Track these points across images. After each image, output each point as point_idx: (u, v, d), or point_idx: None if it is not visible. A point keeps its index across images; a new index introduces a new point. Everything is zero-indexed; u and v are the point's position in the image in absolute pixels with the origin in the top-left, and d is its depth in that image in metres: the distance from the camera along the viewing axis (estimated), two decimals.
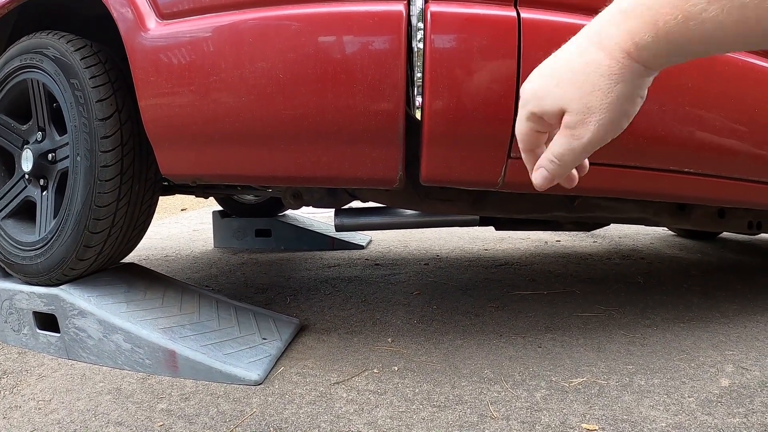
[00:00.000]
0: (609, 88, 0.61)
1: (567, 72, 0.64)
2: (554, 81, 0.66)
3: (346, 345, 2.10)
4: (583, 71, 0.62)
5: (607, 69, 0.60)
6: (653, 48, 0.57)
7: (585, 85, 0.62)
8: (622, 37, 0.59)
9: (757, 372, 1.78)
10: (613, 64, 0.60)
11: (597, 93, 0.61)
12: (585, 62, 0.62)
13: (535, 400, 1.62)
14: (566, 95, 0.64)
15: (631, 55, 0.59)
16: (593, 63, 0.61)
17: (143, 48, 1.77)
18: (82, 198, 1.91)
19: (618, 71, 0.60)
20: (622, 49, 0.59)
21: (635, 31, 0.57)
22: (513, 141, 1.56)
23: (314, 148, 1.65)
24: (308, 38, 1.56)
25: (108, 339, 1.89)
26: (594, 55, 0.61)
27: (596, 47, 0.61)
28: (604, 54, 0.60)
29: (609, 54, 0.60)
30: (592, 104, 0.62)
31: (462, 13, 1.49)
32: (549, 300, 2.66)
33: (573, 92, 0.63)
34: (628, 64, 0.59)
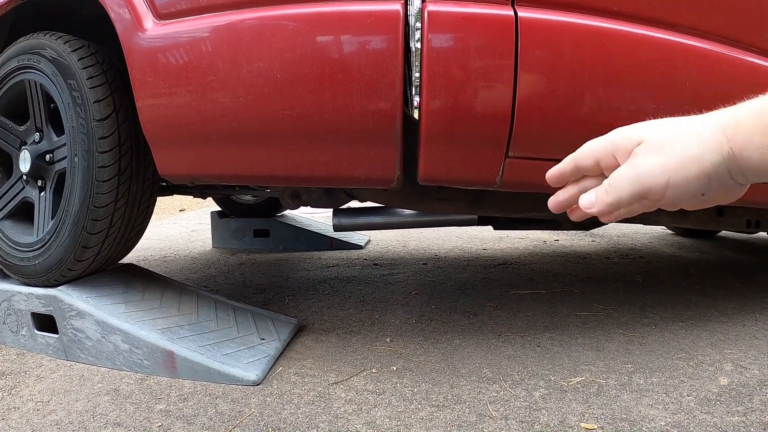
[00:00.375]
0: (689, 146, 0.60)
1: (663, 124, 0.65)
2: (647, 125, 0.66)
3: (344, 345, 2.10)
4: (678, 127, 0.62)
5: (697, 131, 0.60)
6: (751, 140, 0.57)
7: (670, 131, 0.62)
8: (725, 115, 0.59)
9: (756, 370, 1.78)
10: (705, 129, 0.60)
11: (678, 143, 0.61)
12: (685, 123, 0.63)
13: (533, 400, 1.62)
14: (651, 131, 0.64)
15: (726, 131, 0.58)
16: (690, 121, 0.62)
17: (140, 48, 1.77)
18: (80, 199, 1.91)
19: (706, 136, 0.60)
20: (719, 121, 0.59)
21: (740, 115, 0.58)
22: (511, 140, 1.56)
23: (312, 147, 1.65)
24: (305, 38, 1.56)
25: (106, 340, 1.88)
26: (694, 122, 0.62)
27: (700, 115, 0.62)
28: (702, 120, 0.61)
29: (705, 121, 0.61)
30: (668, 147, 0.61)
31: (459, 12, 1.49)
32: (548, 299, 2.66)
33: (659, 134, 0.63)
34: (718, 137, 0.59)
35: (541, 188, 1.73)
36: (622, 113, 1.56)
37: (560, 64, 1.52)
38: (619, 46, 1.55)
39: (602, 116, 1.55)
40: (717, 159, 0.59)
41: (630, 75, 1.56)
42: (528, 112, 1.53)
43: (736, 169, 0.59)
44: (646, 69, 1.56)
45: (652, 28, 1.57)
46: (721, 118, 0.59)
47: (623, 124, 1.56)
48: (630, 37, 1.55)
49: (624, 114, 1.56)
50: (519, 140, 1.56)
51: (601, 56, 1.54)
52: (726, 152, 0.58)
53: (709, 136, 0.59)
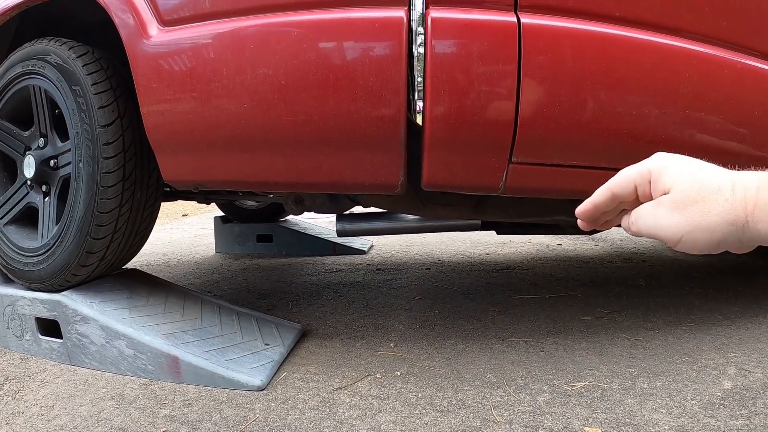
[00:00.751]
0: (709, 212, 0.62)
1: (695, 172, 0.66)
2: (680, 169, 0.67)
3: (348, 350, 2.10)
4: (707, 183, 0.64)
5: (723, 200, 0.62)
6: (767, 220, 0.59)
7: (698, 193, 0.64)
8: (752, 184, 0.61)
9: (759, 374, 1.78)
10: (729, 199, 0.61)
11: (700, 205, 0.63)
12: (715, 179, 0.63)
13: (537, 404, 1.62)
14: (680, 184, 0.65)
15: (747, 203, 0.60)
16: (719, 185, 0.63)
17: (145, 54, 1.78)
18: (85, 204, 1.91)
19: (726, 207, 0.61)
20: (745, 190, 0.61)
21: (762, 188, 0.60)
22: (514, 145, 1.56)
23: (316, 153, 1.66)
24: (310, 44, 1.57)
25: (111, 345, 1.89)
26: (723, 178, 0.63)
27: (729, 175, 0.63)
28: (732, 185, 0.62)
29: (735, 187, 0.61)
30: (689, 207, 0.64)
31: (462, 18, 1.50)
32: (551, 304, 2.66)
33: (686, 188, 0.65)
34: (737, 209, 0.61)
35: (545, 193, 1.74)
36: (624, 118, 1.56)
37: (563, 69, 1.52)
38: (621, 51, 1.55)
39: (605, 121, 1.56)
40: (730, 229, 0.61)
41: (632, 80, 1.56)
42: (531, 118, 1.53)
43: (748, 237, 0.61)
44: (648, 74, 1.56)
45: (653, 33, 1.57)
46: (747, 187, 0.61)
47: (626, 128, 1.56)
48: (632, 42, 1.56)
49: (627, 119, 1.56)
50: (522, 146, 1.56)
51: (604, 61, 1.54)
52: (741, 223, 0.61)
53: (728, 207, 0.61)
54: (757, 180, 0.61)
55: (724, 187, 0.62)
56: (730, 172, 0.64)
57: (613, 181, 0.74)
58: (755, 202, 0.59)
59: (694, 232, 0.63)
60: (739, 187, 0.61)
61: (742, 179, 0.62)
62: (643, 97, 1.57)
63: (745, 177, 0.62)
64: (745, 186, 0.61)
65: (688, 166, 0.67)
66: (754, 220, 0.59)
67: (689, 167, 0.67)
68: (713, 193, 0.62)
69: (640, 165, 0.72)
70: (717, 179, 0.63)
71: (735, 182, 0.62)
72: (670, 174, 0.67)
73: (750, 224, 0.60)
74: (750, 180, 0.61)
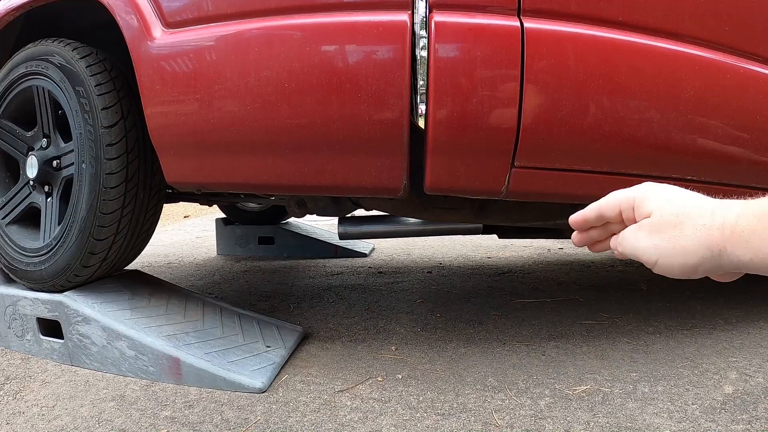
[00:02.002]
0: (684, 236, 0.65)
1: (677, 199, 0.68)
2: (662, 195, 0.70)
3: (349, 353, 2.10)
4: (687, 209, 0.66)
5: (700, 225, 0.64)
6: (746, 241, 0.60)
7: (676, 217, 0.66)
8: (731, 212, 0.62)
9: (760, 379, 1.78)
10: (707, 225, 0.64)
11: (676, 229, 0.66)
12: (696, 206, 0.66)
13: (539, 408, 1.62)
14: (660, 209, 0.68)
15: (725, 230, 0.62)
16: (699, 211, 0.65)
17: (149, 56, 1.78)
18: (87, 205, 1.91)
19: (703, 233, 0.64)
20: (724, 218, 0.62)
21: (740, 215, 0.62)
22: (517, 150, 1.56)
23: (319, 156, 1.66)
24: (313, 48, 1.57)
25: (112, 346, 1.89)
26: (704, 205, 0.65)
27: (711, 203, 0.66)
28: (712, 212, 0.64)
29: (714, 214, 0.64)
30: (666, 230, 0.67)
31: (465, 23, 1.50)
32: (552, 308, 2.66)
33: (665, 212, 0.68)
34: (714, 235, 0.63)
35: (547, 197, 1.74)
36: (627, 122, 1.56)
37: (566, 74, 1.52)
38: (624, 56, 1.55)
39: (607, 126, 1.56)
40: (706, 254, 0.64)
41: (634, 84, 1.56)
42: (534, 122, 1.53)
43: (727, 263, 0.63)
44: (650, 78, 1.56)
45: (656, 38, 1.57)
46: (726, 215, 0.63)
47: (628, 133, 1.57)
48: (634, 47, 1.56)
49: (629, 123, 1.56)
50: (525, 150, 1.56)
51: (606, 66, 1.54)
52: (718, 249, 0.63)
53: (706, 232, 0.63)
54: (739, 208, 0.62)
55: (703, 213, 0.65)
56: (713, 201, 0.66)
57: (602, 201, 0.78)
58: (733, 229, 0.61)
59: (670, 255, 0.66)
60: (719, 214, 0.63)
61: (723, 207, 0.64)
62: (646, 102, 1.57)
63: (726, 205, 0.64)
64: (724, 213, 0.63)
65: (672, 194, 0.70)
66: (732, 246, 0.61)
67: (673, 195, 0.70)
68: (691, 218, 0.65)
69: (627, 191, 0.75)
70: (698, 206, 0.66)
71: (715, 209, 0.64)
72: (652, 200, 0.70)
73: (728, 250, 0.62)
74: (731, 208, 0.63)
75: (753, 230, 0.60)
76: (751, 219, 0.60)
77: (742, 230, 0.60)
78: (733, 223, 0.61)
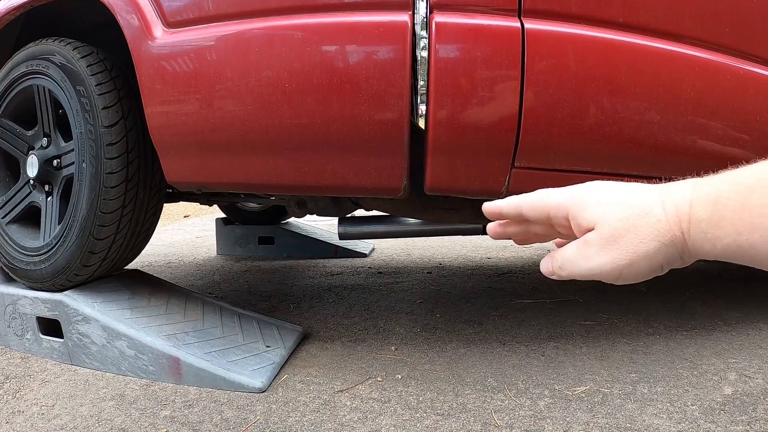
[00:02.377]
0: (644, 239, 0.59)
1: (619, 200, 0.62)
2: (602, 200, 0.64)
3: (349, 353, 2.10)
4: (633, 208, 0.61)
5: (655, 221, 0.59)
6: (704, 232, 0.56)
7: (626, 222, 0.60)
8: (683, 199, 0.58)
9: (760, 380, 1.78)
10: (662, 219, 0.58)
11: (631, 235, 0.60)
12: (641, 202, 0.61)
13: (538, 409, 1.62)
14: (604, 218, 0.62)
15: (682, 222, 0.57)
16: (647, 207, 0.60)
17: (150, 56, 1.78)
18: (87, 204, 1.91)
19: (661, 228, 0.59)
20: (677, 208, 0.58)
21: (696, 203, 0.57)
22: (517, 150, 1.56)
23: (319, 156, 1.66)
24: (314, 48, 1.57)
25: (112, 345, 1.89)
26: (650, 199, 0.60)
27: (657, 193, 0.60)
28: (661, 202, 0.59)
29: (665, 204, 0.59)
30: (620, 240, 0.60)
31: (466, 23, 1.50)
32: (552, 308, 2.66)
33: (612, 220, 0.61)
34: (673, 229, 0.58)
35: None
36: (627, 124, 1.56)
37: (566, 75, 1.52)
38: (625, 57, 1.55)
39: (608, 127, 1.56)
40: (670, 251, 0.59)
41: (635, 85, 1.56)
42: (534, 123, 1.53)
43: (688, 255, 0.59)
44: (650, 79, 1.56)
45: (656, 39, 1.57)
46: (679, 205, 0.58)
47: (628, 134, 1.56)
48: (635, 48, 1.56)
49: (629, 124, 1.57)
50: (525, 150, 1.56)
51: (606, 67, 1.54)
52: (680, 243, 0.58)
53: (663, 228, 0.58)
54: (690, 194, 0.58)
55: (653, 208, 0.59)
56: (657, 189, 0.61)
57: (525, 200, 0.71)
58: (689, 219, 0.57)
59: (634, 264, 0.61)
60: (670, 205, 0.59)
61: (672, 195, 0.59)
62: (646, 103, 1.57)
63: (674, 192, 0.59)
64: (676, 203, 0.58)
65: (610, 195, 0.64)
66: (693, 239, 0.57)
67: (611, 196, 0.63)
68: (643, 218, 0.60)
69: (557, 195, 0.68)
70: (643, 201, 0.61)
71: (664, 200, 0.59)
72: (591, 209, 0.64)
73: (689, 244, 0.58)
74: (681, 195, 0.59)
75: (710, 220, 0.55)
76: (706, 206, 0.56)
77: (700, 221, 0.56)
78: (689, 213, 0.57)
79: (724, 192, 0.54)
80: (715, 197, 0.55)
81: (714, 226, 0.55)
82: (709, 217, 0.55)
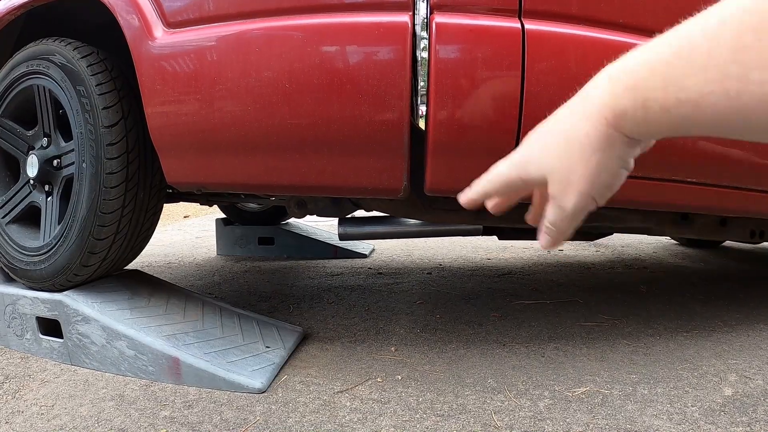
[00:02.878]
0: (587, 158, 0.57)
1: (550, 138, 0.62)
2: (539, 147, 0.63)
3: (349, 354, 2.10)
4: (564, 138, 0.59)
5: (585, 137, 0.57)
6: (633, 117, 0.53)
7: (564, 154, 0.59)
8: (602, 102, 0.55)
9: (760, 381, 1.78)
10: (591, 131, 0.56)
11: (576, 162, 0.58)
12: (566, 128, 0.59)
13: (538, 410, 1.62)
14: (548, 164, 0.61)
15: (610, 122, 0.55)
16: (573, 129, 0.58)
17: (150, 56, 1.78)
18: (87, 204, 1.91)
19: (596, 140, 0.56)
20: (601, 115, 0.55)
21: (616, 96, 0.54)
22: None
23: (319, 157, 1.66)
24: (314, 48, 1.57)
25: (111, 345, 1.89)
26: (575, 120, 0.58)
27: (579, 112, 0.58)
28: (585, 120, 0.57)
29: (589, 120, 0.57)
30: (571, 174, 0.59)
31: (466, 24, 1.50)
32: (552, 309, 2.66)
33: (554, 161, 0.60)
34: (607, 132, 0.56)
35: None
36: None
37: (566, 75, 1.52)
38: None
39: None
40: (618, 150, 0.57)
41: None
42: (535, 123, 1.53)
43: (635, 142, 0.57)
44: None
45: None
46: (598, 107, 0.55)
47: None
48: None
49: None
50: None
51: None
52: (621, 139, 0.56)
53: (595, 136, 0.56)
54: (601, 86, 0.56)
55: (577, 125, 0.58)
56: (579, 96, 0.59)
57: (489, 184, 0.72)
58: (614, 115, 0.54)
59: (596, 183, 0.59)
60: (591, 107, 0.56)
61: (588, 96, 0.57)
62: None
63: (592, 94, 0.57)
64: (593, 101, 0.56)
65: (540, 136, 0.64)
66: (628, 129, 0.55)
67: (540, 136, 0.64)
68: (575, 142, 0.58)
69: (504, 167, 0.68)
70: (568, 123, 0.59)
71: (585, 108, 0.57)
72: (534, 162, 0.64)
73: (628, 133, 0.55)
74: (596, 89, 0.56)
75: (635, 108, 0.53)
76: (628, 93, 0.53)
77: (625, 113, 0.53)
78: (613, 106, 0.54)
79: (641, 76, 0.52)
80: (633, 83, 0.52)
81: (642, 109, 0.52)
82: (634, 105, 0.52)
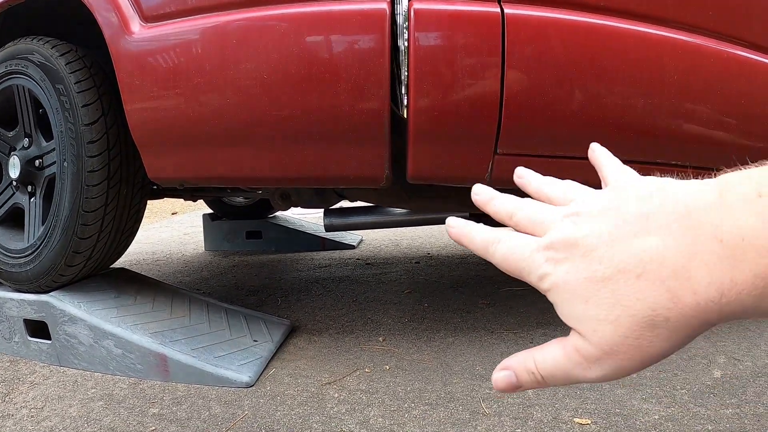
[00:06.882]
0: (653, 342, 0.41)
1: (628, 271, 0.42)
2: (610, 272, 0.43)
3: (337, 345, 2.10)
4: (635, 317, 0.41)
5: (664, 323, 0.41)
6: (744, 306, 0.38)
7: (629, 338, 0.42)
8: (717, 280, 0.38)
9: (749, 362, 1.79)
10: (679, 322, 0.41)
11: (642, 343, 0.41)
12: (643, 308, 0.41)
13: (527, 396, 1.62)
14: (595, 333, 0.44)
15: (710, 312, 0.39)
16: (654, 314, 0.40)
17: (128, 51, 1.77)
18: (70, 204, 1.90)
19: (680, 327, 0.41)
20: (707, 305, 0.39)
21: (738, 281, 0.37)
22: (499, 137, 1.56)
23: (301, 148, 1.65)
24: (292, 38, 1.56)
25: (99, 345, 1.88)
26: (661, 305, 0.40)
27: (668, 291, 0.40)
28: (675, 306, 0.40)
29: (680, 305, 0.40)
30: (624, 352, 0.42)
31: (445, 10, 1.49)
32: (539, 295, 2.64)
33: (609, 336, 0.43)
34: (699, 317, 0.40)
35: None
36: (611, 108, 1.56)
37: (547, 60, 1.52)
38: (607, 42, 1.55)
39: (591, 112, 1.55)
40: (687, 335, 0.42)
41: (618, 70, 1.55)
42: (516, 109, 1.53)
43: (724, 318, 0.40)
44: (634, 64, 1.56)
45: (639, 23, 1.57)
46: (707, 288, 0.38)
47: (612, 119, 1.56)
48: (617, 32, 1.55)
49: (613, 109, 1.56)
50: (507, 137, 1.56)
51: (589, 52, 1.54)
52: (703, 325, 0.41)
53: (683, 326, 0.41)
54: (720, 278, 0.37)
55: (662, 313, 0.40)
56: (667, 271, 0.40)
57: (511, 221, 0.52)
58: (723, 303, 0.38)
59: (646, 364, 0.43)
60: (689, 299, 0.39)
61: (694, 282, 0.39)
62: (629, 88, 1.57)
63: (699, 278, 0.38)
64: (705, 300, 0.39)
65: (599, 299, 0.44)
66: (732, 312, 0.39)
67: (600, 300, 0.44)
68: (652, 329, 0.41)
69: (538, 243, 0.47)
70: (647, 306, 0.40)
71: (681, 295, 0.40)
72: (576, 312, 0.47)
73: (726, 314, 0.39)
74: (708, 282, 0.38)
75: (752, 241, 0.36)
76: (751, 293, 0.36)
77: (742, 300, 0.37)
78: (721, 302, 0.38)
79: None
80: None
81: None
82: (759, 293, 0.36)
